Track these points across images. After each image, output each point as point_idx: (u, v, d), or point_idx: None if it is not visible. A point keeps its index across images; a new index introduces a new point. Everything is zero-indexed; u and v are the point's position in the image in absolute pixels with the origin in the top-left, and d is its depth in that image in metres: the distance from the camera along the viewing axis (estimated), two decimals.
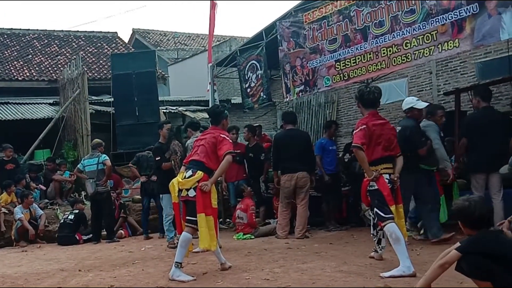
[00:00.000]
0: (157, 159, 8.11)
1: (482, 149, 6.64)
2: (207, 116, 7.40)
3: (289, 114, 8.77)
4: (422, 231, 7.18)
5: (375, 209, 5.04)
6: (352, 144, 5.15)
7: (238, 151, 9.33)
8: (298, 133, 8.54)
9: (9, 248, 9.34)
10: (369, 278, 4.63)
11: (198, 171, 5.20)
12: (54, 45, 19.96)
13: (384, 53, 7.69)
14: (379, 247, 5.48)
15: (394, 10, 7.49)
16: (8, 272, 6.28)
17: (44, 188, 11.58)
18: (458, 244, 3.29)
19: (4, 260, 7.59)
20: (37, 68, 17.97)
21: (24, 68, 17.84)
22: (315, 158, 8.44)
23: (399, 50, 7.47)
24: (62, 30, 21.35)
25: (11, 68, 17.70)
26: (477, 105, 7.13)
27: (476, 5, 6.50)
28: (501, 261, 3.11)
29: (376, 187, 5.02)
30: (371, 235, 5.56)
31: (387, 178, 5.04)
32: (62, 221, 9.68)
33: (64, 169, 12.09)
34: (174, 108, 15.51)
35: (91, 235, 9.39)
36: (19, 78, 17.20)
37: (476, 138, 6.72)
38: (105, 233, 9.39)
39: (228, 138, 5.40)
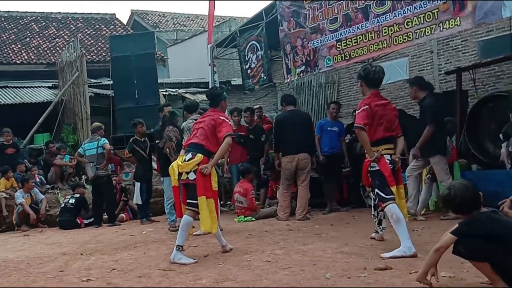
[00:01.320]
0: (157, 142, 8.11)
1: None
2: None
3: (288, 96, 8.76)
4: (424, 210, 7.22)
5: (376, 190, 5.02)
6: (355, 125, 5.10)
7: (241, 133, 9.33)
8: (299, 114, 8.50)
9: (11, 232, 9.38)
10: (370, 259, 4.63)
11: (198, 154, 5.17)
12: (52, 28, 19.81)
13: (385, 32, 7.61)
14: (380, 228, 5.48)
15: None
16: (10, 256, 6.29)
17: (38, 180, 11.33)
18: (455, 226, 3.29)
19: (6, 245, 7.62)
20: (35, 51, 17.86)
21: (22, 51, 17.74)
22: (315, 139, 8.41)
23: (400, 29, 7.39)
24: (60, 12, 21.18)
25: (9, 51, 17.60)
26: (415, 95, 7.10)
27: None
28: (497, 241, 3.13)
29: (377, 168, 4.99)
30: (372, 216, 5.55)
31: (388, 159, 5.01)
32: (63, 205, 9.70)
33: (64, 153, 12.07)
34: (173, 90, 15.44)
35: (92, 219, 9.42)
36: (17, 62, 17.13)
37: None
38: (107, 217, 9.41)
39: (227, 120, 5.36)
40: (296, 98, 9.54)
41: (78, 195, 9.75)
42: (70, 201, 9.59)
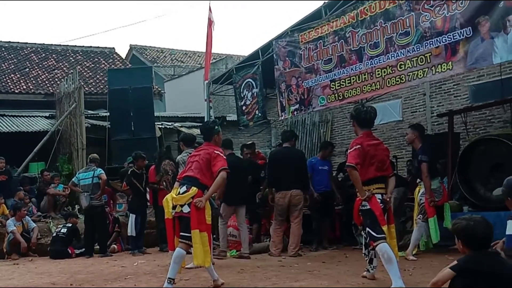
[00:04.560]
0: None
1: None
2: None
3: (285, 132, 8.86)
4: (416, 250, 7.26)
5: (367, 229, 5.08)
6: (346, 164, 5.20)
7: None
8: (292, 151, 8.58)
9: (1, 260, 9.27)
10: None
11: (193, 187, 5.22)
12: (52, 59, 20.03)
13: (378, 74, 7.78)
14: (371, 267, 5.51)
15: (389, 32, 7.61)
16: None
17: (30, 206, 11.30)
18: (454, 262, 3.29)
19: None
20: (34, 82, 18.02)
21: (21, 81, 17.89)
22: (308, 176, 8.48)
23: (393, 71, 7.57)
24: (60, 44, 21.45)
25: (8, 80, 17.74)
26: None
27: (469, 29, 6.63)
28: (496, 283, 3.11)
29: (368, 207, 5.06)
30: (363, 255, 5.59)
31: (379, 198, 5.09)
32: (54, 234, 9.63)
33: (57, 182, 12.06)
34: (169, 124, 15.54)
35: (83, 249, 9.36)
36: (16, 91, 17.25)
37: None
38: (98, 247, 9.36)
39: (222, 155, 5.43)
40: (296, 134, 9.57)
41: (70, 225, 9.69)
42: (62, 231, 9.53)
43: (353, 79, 8.19)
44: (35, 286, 6.08)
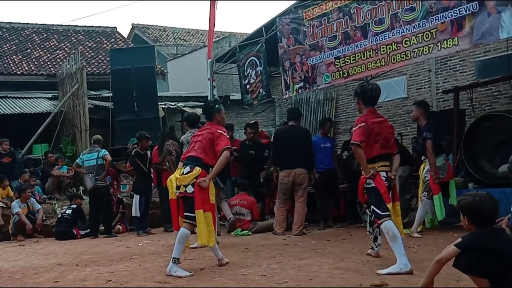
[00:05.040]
0: None
1: None
2: None
3: (291, 111, 8.79)
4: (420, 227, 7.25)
5: (372, 207, 5.05)
6: (351, 142, 5.15)
7: (234, 147, 9.37)
8: (297, 129, 8.52)
9: (7, 242, 9.33)
10: (366, 275, 4.64)
11: (196, 167, 5.19)
12: (53, 40, 19.93)
13: (383, 50, 7.69)
14: (376, 244, 5.50)
15: (394, 8, 7.49)
16: (5, 266, 6.27)
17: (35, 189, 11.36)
18: (458, 240, 3.26)
19: (2, 254, 7.58)
20: (35, 63, 17.94)
21: (23, 62, 17.81)
22: (314, 155, 8.43)
23: (398, 47, 7.47)
24: (61, 25, 21.32)
25: (10, 62, 17.67)
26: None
27: (476, 4, 6.51)
28: (501, 259, 3.09)
29: (373, 185, 5.03)
30: (368, 232, 5.57)
31: (384, 176, 5.05)
32: (59, 215, 9.67)
33: (61, 164, 12.08)
34: (173, 103, 15.50)
35: (88, 230, 9.40)
36: (18, 72, 17.18)
37: None
38: (103, 228, 9.40)
39: (225, 134, 5.39)
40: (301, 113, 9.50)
41: (75, 206, 9.72)
42: (67, 212, 9.57)
43: (358, 56, 8.09)
44: (41, 266, 6.11)
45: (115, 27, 21.85)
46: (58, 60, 18.07)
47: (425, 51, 7.18)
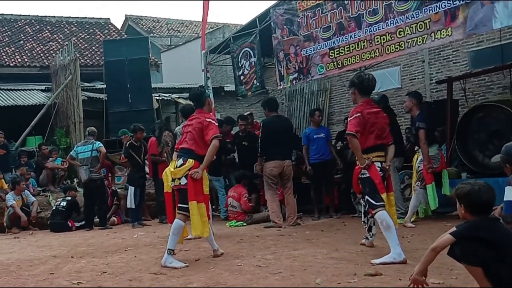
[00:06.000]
0: None
1: None
2: None
3: (272, 101, 8.58)
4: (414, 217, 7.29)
5: (366, 197, 5.08)
6: (346, 132, 5.16)
7: (228, 140, 9.41)
8: (284, 120, 8.51)
9: (1, 234, 9.34)
10: (360, 264, 4.67)
11: (189, 159, 5.19)
12: (46, 31, 19.80)
13: (377, 41, 7.68)
14: (370, 234, 5.53)
15: None
16: (0, 258, 6.27)
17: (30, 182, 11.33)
18: (453, 228, 3.28)
19: None
20: (28, 54, 17.83)
21: (16, 54, 17.70)
22: (298, 146, 8.43)
23: (392, 38, 7.47)
24: (54, 16, 21.18)
25: (3, 54, 17.56)
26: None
27: None
28: (495, 248, 3.11)
29: (367, 175, 5.05)
30: (362, 222, 5.60)
31: (378, 166, 5.07)
32: (54, 208, 9.67)
33: (55, 156, 12.05)
34: (167, 95, 15.46)
35: (83, 222, 9.40)
36: (11, 64, 17.07)
37: None
38: (98, 220, 9.40)
39: (214, 122, 5.33)
40: (289, 105, 9.53)
41: (69, 198, 9.72)
42: (62, 204, 9.57)
43: (352, 46, 8.08)
44: (36, 258, 6.11)
45: (109, 19, 21.75)
46: (51, 51, 17.97)
47: (419, 42, 7.18)
